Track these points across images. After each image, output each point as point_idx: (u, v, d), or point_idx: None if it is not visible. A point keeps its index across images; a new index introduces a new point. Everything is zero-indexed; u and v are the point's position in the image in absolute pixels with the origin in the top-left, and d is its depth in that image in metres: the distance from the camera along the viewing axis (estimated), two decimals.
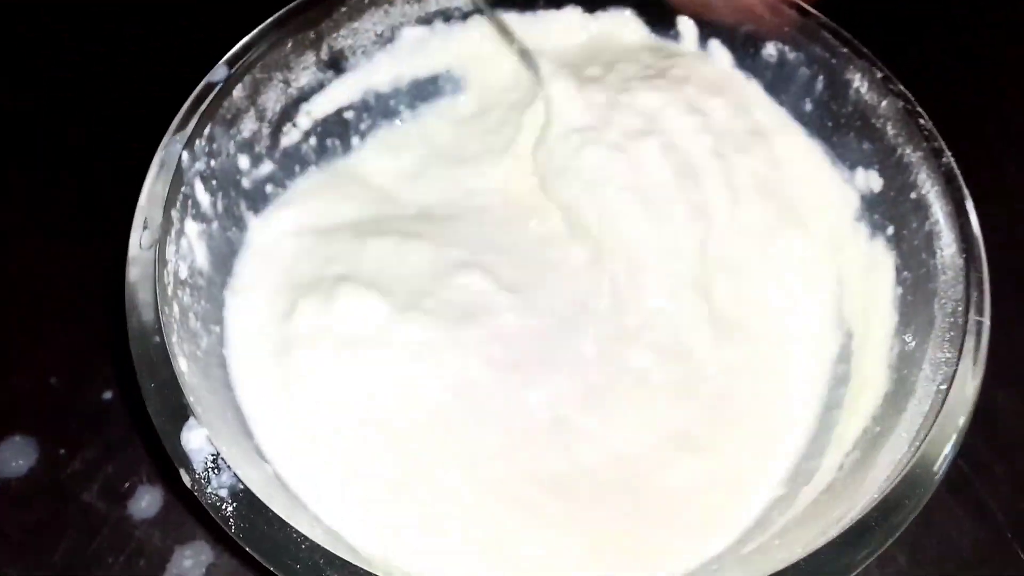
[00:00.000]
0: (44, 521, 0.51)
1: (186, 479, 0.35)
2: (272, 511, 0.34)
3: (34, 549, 0.50)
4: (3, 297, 0.59)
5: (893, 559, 0.50)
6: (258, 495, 0.34)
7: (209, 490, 0.34)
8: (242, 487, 0.34)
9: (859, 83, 0.48)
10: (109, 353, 0.57)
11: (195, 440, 0.35)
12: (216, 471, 0.35)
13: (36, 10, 0.72)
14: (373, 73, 0.56)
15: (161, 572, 0.49)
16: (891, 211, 0.47)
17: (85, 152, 0.66)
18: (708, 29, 0.55)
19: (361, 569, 0.32)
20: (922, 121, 0.45)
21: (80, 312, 0.58)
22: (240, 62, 0.47)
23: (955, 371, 0.37)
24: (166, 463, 0.52)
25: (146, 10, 0.72)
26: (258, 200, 0.51)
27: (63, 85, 0.69)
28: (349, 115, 0.56)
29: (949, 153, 0.44)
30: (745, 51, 0.54)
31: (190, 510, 0.51)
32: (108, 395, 0.55)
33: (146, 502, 0.52)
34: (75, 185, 0.64)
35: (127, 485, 0.52)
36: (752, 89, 0.55)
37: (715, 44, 0.55)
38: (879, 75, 0.47)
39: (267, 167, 0.52)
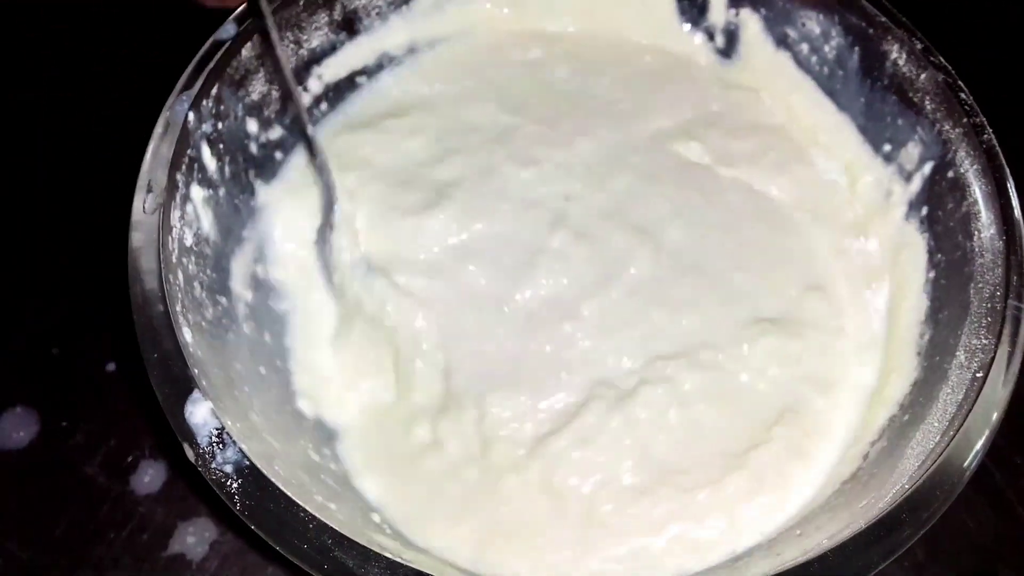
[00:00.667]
0: (45, 495, 0.50)
1: (189, 453, 0.34)
2: (279, 488, 0.32)
3: (35, 523, 0.49)
4: (4, 265, 0.58)
5: (911, 552, 0.49)
6: (264, 471, 0.33)
7: (213, 465, 0.33)
8: (248, 463, 0.33)
9: (897, 54, 0.46)
10: (112, 323, 0.56)
11: (199, 413, 0.34)
12: (221, 446, 0.33)
13: None
14: (387, 36, 0.54)
15: (163, 549, 0.49)
16: (927, 190, 0.45)
17: (89, 115, 0.64)
18: None
19: (371, 551, 0.31)
20: (963, 96, 0.43)
21: (83, 281, 0.57)
22: (249, 19, 0.45)
23: (992, 358, 0.35)
24: (169, 437, 0.51)
25: None
26: (267, 167, 0.49)
27: (68, 42, 0.68)
28: (361, 79, 0.54)
29: (991, 130, 0.42)
30: (777, 20, 0.52)
31: (194, 486, 0.51)
32: (111, 366, 0.55)
33: (149, 476, 0.51)
34: (78, 149, 0.63)
35: (130, 459, 0.51)
36: (781, 59, 0.52)
37: (746, 13, 0.53)
38: (919, 46, 0.45)
39: (276, 132, 0.50)
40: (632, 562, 0.40)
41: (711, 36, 0.56)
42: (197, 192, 0.42)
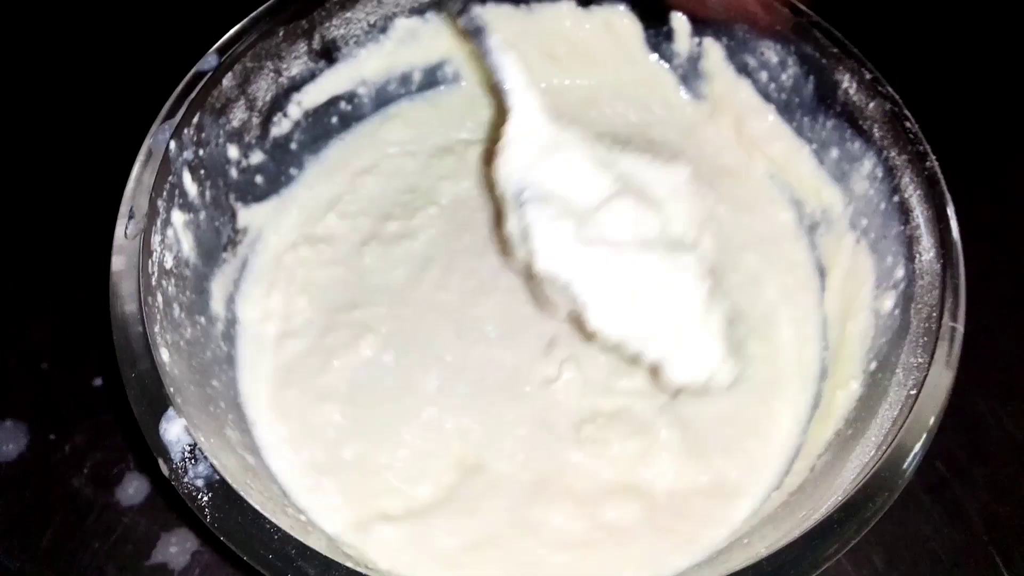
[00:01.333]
0: (33, 505, 0.52)
1: (164, 468, 0.35)
2: (247, 502, 0.34)
3: (22, 533, 0.51)
4: None
5: (869, 560, 0.50)
6: (235, 486, 0.34)
7: (186, 480, 0.35)
8: (218, 477, 0.35)
9: (848, 83, 0.48)
10: (99, 339, 0.57)
11: (173, 430, 0.36)
12: (193, 461, 0.35)
13: None
14: (365, 63, 0.56)
15: (146, 558, 0.50)
16: (875, 214, 0.47)
17: (75, 139, 0.66)
18: (701, 26, 0.55)
19: (334, 561, 0.33)
20: (908, 124, 0.45)
21: (71, 298, 0.59)
22: (231, 50, 0.47)
23: (925, 376, 0.37)
24: (151, 451, 0.54)
25: None
26: (247, 191, 0.51)
27: (53, 73, 0.69)
28: (340, 105, 0.56)
29: (934, 157, 0.44)
30: (737, 49, 0.54)
31: (176, 498, 0.51)
32: (98, 381, 0.56)
33: (133, 488, 0.52)
34: (67, 171, 0.64)
35: (115, 471, 0.53)
36: (743, 90, 0.54)
37: (708, 42, 0.55)
38: (868, 76, 0.47)
39: (257, 157, 0.52)
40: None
41: (675, 63, 0.58)
42: (178, 216, 0.44)
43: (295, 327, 0.50)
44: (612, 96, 0.59)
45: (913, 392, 0.37)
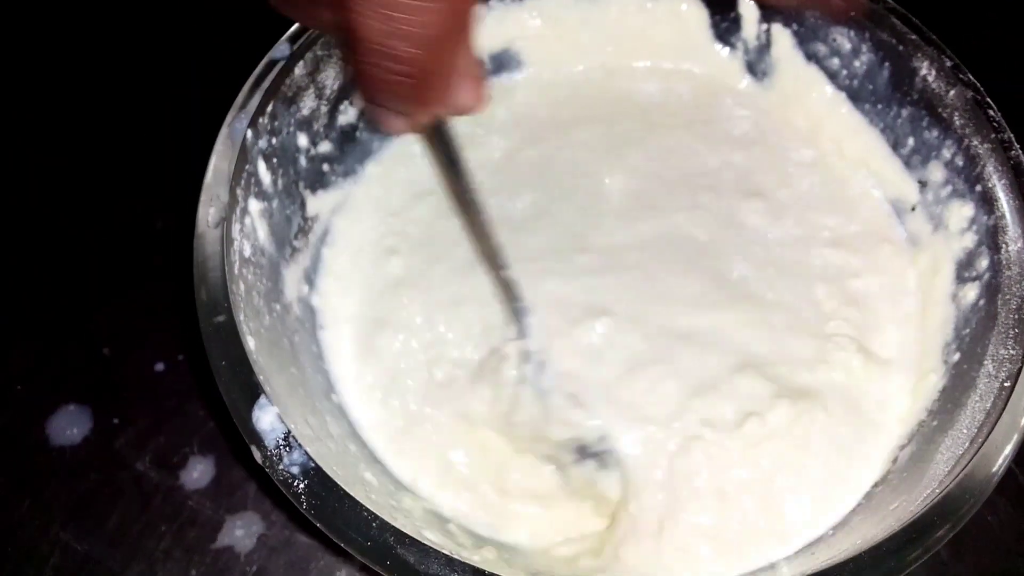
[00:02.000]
0: (97, 489, 0.52)
1: (258, 456, 0.36)
2: (343, 489, 0.34)
3: (89, 517, 0.51)
4: (56, 266, 0.60)
5: (935, 552, 0.50)
6: (330, 472, 0.34)
7: (281, 467, 0.35)
8: (313, 465, 0.35)
9: (926, 71, 0.47)
10: (160, 326, 0.57)
11: (266, 418, 0.36)
12: (288, 449, 0.35)
13: None
14: None
15: (212, 542, 0.50)
16: (955, 204, 0.47)
17: (142, 124, 0.66)
18: (770, 12, 0.54)
19: (432, 548, 0.33)
20: (991, 112, 0.44)
21: (131, 283, 0.59)
22: (302, 39, 0.47)
23: (1020, 368, 0.37)
24: (218, 434, 0.54)
25: None
26: (315, 179, 0.51)
27: (133, 53, 0.69)
28: None
29: (1018, 147, 0.43)
30: (808, 36, 0.53)
31: (241, 481, 0.52)
32: (160, 367, 0.56)
33: (198, 472, 0.53)
34: (130, 156, 0.65)
35: (179, 455, 0.53)
36: (813, 79, 0.54)
37: (777, 28, 0.54)
38: (948, 64, 0.46)
39: (325, 146, 0.52)
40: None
41: (743, 53, 0.57)
42: (254, 205, 0.44)
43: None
44: (676, 77, 0.58)
45: (1008, 384, 0.37)
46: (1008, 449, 0.35)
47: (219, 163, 0.42)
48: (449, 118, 0.38)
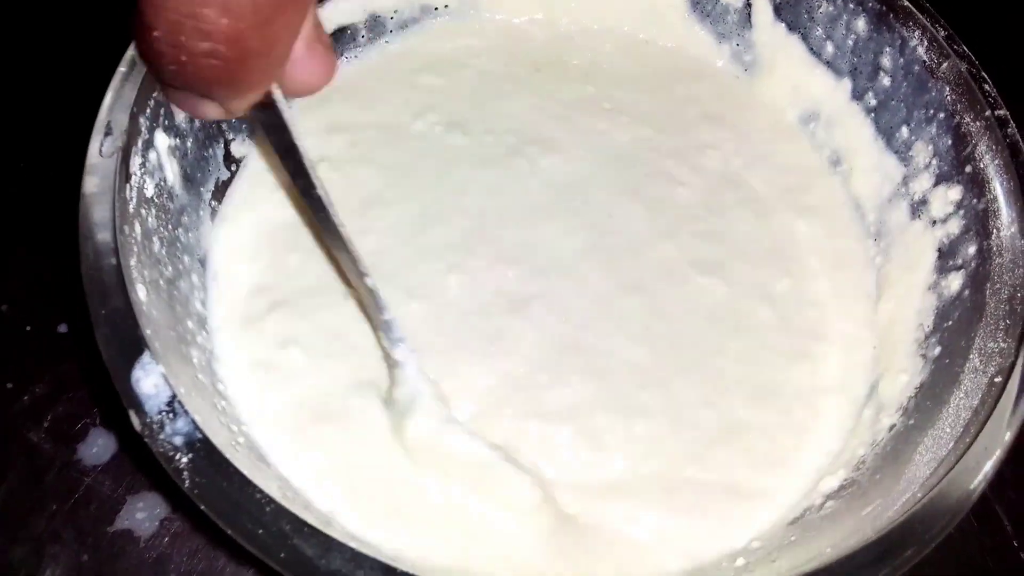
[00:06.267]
0: None
1: (135, 422, 0.31)
2: (234, 466, 0.29)
3: None
4: None
5: None
6: (219, 446, 0.29)
7: (162, 437, 0.30)
8: (200, 436, 0.30)
9: (918, 41, 0.44)
10: (67, 281, 0.52)
11: (149, 379, 0.31)
12: (171, 416, 0.30)
13: None
14: None
15: (110, 524, 0.46)
16: (941, 185, 0.43)
17: (46, 50, 0.61)
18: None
19: (333, 539, 0.28)
20: (987, 87, 0.41)
21: (38, 236, 0.54)
22: None
23: (1013, 362, 0.33)
24: (122, 405, 0.50)
25: None
26: (241, 121, 0.46)
27: None
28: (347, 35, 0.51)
29: (1014, 124, 0.40)
30: (791, 3, 0.50)
31: (146, 459, 0.47)
32: (63, 328, 0.52)
33: (98, 447, 0.48)
34: (35, 88, 0.59)
35: (79, 426, 0.49)
36: (794, 49, 0.50)
37: None
38: (942, 33, 0.43)
39: None
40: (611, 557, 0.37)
41: (718, 25, 0.54)
42: (162, 140, 0.39)
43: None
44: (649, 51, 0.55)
45: (998, 379, 0.33)
46: (998, 452, 0.32)
47: (120, 88, 0.37)
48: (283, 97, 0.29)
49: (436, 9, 0.54)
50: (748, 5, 0.52)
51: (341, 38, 0.52)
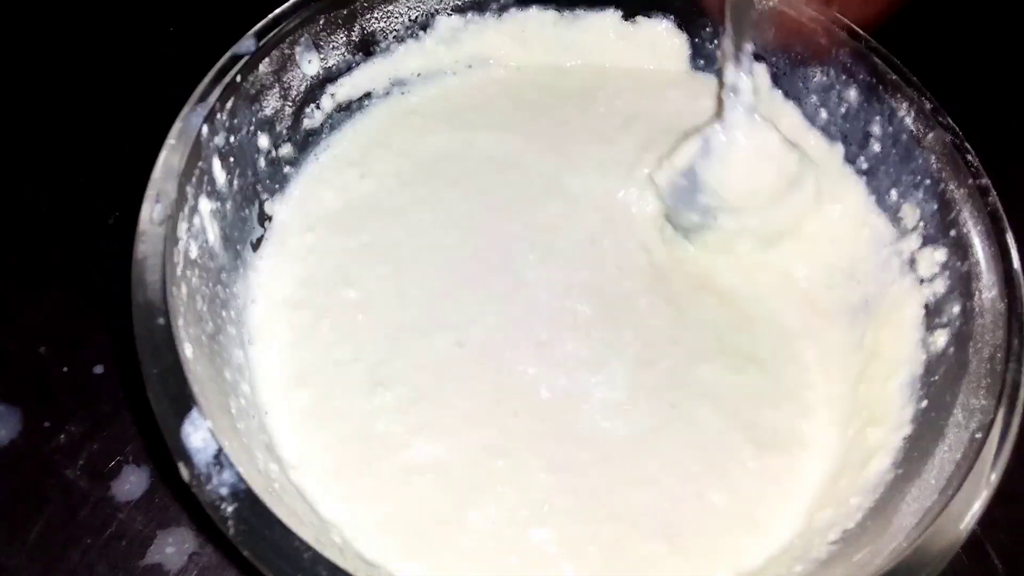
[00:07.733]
0: (22, 495, 0.49)
1: (184, 474, 0.33)
2: (275, 515, 0.32)
3: (9, 524, 0.48)
4: None
5: None
6: (261, 497, 0.32)
7: (209, 488, 0.32)
8: (244, 487, 0.32)
9: (905, 112, 0.47)
10: (104, 326, 0.55)
11: (198, 434, 0.33)
12: (218, 468, 0.33)
13: None
14: (403, 60, 0.54)
15: (141, 558, 0.48)
16: (927, 248, 0.46)
17: (94, 118, 0.63)
18: (753, 47, 0.53)
19: None
20: (969, 157, 0.44)
21: (76, 280, 0.56)
22: (270, 35, 0.45)
23: (992, 420, 0.36)
24: (154, 444, 0.51)
25: None
26: (274, 182, 0.49)
27: (83, 43, 0.67)
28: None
29: (995, 192, 0.43)
30: (788, 72, 0.53)
31: (176, 495, 0.50)
32: (99, 369, 0.54)
33: (131, 483, 0.50)
34: (85, 150, 0.62)
35: (112, 464, 0.50)
36: (789, 116, 0.53)
37: (759, 65, 0.53)
38: (928, 106, 0.46)
39: (286, 149, 0.50)
40: None
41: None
42: (205, 204, 0.42)
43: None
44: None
45: (979, 436, 0.36)
46: (977, 505, 0.34)
47: (170, 157, 0.40)
48: None
49: None
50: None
51: None
